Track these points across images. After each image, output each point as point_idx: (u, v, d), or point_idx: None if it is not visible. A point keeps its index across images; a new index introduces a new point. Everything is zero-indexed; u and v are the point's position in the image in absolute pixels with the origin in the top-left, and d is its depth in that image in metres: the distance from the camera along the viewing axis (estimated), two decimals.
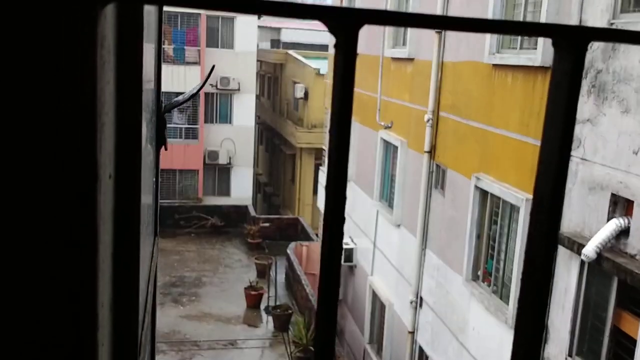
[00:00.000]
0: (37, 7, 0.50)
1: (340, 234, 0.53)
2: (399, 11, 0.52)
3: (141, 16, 0.88)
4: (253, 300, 17.63)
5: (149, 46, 1.82)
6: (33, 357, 0.56)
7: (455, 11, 10.01)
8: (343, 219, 0.54)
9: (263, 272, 19.08)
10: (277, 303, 17.36)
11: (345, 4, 15.78)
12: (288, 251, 19.21)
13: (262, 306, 17.66)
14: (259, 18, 27.29)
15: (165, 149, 1.91)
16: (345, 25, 0.51)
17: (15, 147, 0.51)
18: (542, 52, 7.56)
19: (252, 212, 24.82)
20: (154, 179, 1.88)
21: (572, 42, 0.52)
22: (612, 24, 6.54)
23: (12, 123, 0.51)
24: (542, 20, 7.56)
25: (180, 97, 2.79)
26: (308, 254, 18.93)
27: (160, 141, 1.83)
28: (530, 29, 0.61)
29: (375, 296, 13.40)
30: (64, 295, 0.54)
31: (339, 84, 0.52)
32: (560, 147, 0.53)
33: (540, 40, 7.61)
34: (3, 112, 0.50)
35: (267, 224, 22.96)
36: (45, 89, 0.51)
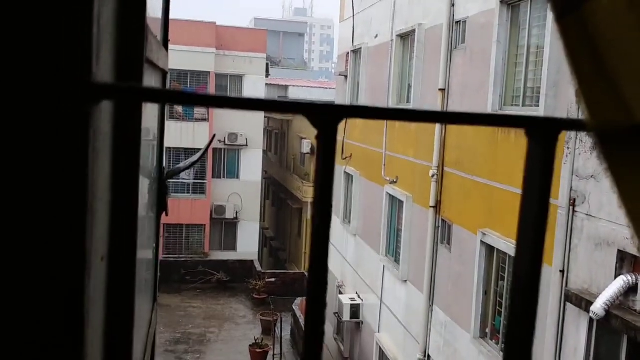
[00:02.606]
0: (33, 109, 0.55)
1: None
2: (375, 106, 0.56)
3: (139, 108, 0.94)
4: (258, 358, 17.32)
5: (153, 111, 1.88)
6: None
7: (458, 71, 10.21)
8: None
9: (268, 329, 18.81)
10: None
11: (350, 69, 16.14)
12: (294, 307, 18.98)
13: None
14: (267, 77, 27.85)
15: (167, 215, 1.95)
16: (326, 120, 0.54)
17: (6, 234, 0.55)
18: (544, 108, 7.66)
19: (258, 267, 24.68)
20: (154, 245, 1.91)
21: (544, 131, 0.56)
22: None
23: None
24: (544, 78, 7.70)
25: (182, 165, 2.85)
26: None
27: (161, 207, 1.87)
28: (504, 121, 0.64)
29: (382, 354, 13.15)
30: None
31: (320, 171, 0.54)
32: (535, 232, 0.55)
33: (543, 96, 7.73)
34: None
35: (272, 279, 22.78)
36: (40, 183, 0.55)
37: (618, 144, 0.48)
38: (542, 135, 0.56)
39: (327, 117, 0.56)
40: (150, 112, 1.61)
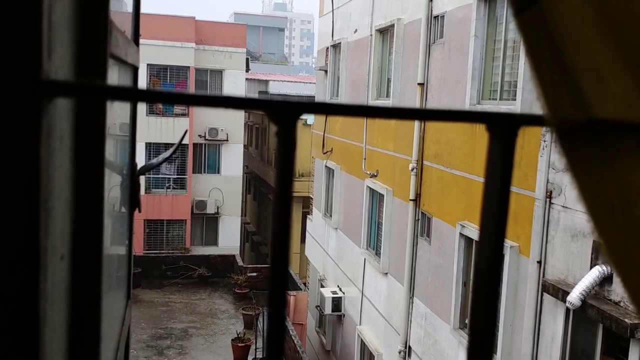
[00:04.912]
0: None
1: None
2: (332, 103, 0.57)
3: (102, 105, 0.92)
4: (240, 352, 17.31)
5: (123, 107, 1.86)
6: None
7: (437, 65, 10.26)
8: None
9: (250, 323, 18.81)
10: (265, 355, 17.05)
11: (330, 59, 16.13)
12: None
13: (250, 358, 17.34)
14: (247, 71, 27.72)
15: (139, 211, 1.94)
16: (284, 116, 0.54)
17: None
18: (521, 102, 7.72)
19: (240, 262, 24.63)
20: (127, 242, 1.90)
21: (503, 127, 0.56)
22: None
23: None
24: (521, 72, 7.76)
25: (154, 160, 2.83)
26: (295, 303, 18.72)
27: (134, 204, 1.86)
28: (465, 117, 0.65)
29: (364, 346, 13.22)
30: None
31: (280, 167, 0.54)
32: (497, 226, 0.56)
33: (520, 90, 7.79)
34: None
35: (254, 274, 22.74)
36: None
37: (576, 139, 0.49)
38: (502, 131, 0.56)
39: (285, 114, 0.56)
40: (120, 107, 1.60)
